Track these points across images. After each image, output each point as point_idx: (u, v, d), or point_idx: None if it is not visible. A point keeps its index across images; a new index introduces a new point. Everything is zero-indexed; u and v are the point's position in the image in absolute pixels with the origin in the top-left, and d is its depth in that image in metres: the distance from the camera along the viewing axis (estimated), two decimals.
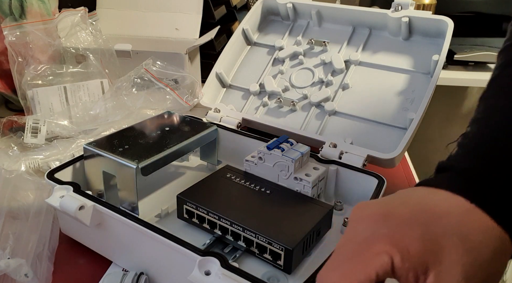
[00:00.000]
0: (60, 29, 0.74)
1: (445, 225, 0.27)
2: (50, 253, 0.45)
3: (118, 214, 0.40)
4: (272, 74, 0.70)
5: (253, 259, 0.42)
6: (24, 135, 0.63)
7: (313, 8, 0.70)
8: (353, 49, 0.67)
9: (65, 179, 0.45)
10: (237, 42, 0.74)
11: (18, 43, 0.70)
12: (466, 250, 0.26)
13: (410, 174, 0.65)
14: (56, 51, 0.74)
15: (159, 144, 0.48)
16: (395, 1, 0.63)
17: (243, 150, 0.55)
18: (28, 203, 0.48)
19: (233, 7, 1.00)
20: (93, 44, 0.75)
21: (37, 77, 0.71)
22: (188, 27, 0.88)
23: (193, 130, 0.52)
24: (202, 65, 0.88)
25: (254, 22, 0.75)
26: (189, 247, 0.36)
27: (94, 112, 0.67)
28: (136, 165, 0.43)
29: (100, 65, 0.74)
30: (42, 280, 0.41)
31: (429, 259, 0.26)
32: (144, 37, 0.89)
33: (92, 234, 0.45)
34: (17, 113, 0.73)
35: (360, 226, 0.29)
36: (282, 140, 0.50)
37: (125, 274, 0.41)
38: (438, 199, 0.29)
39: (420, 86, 0.60)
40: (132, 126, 0.53)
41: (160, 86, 0.71)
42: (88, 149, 0.47)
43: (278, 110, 0.67)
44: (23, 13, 0.72)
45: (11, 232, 0.43)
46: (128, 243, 0.42)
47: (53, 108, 0.69)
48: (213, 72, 0.72)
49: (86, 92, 0.71)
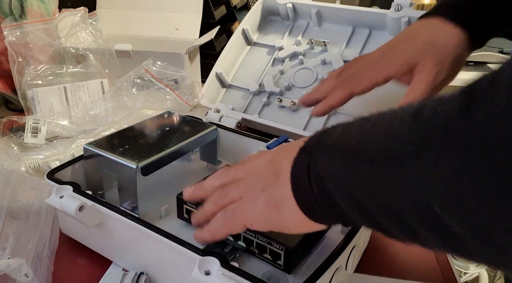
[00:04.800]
0: (60, 29, 0.74)
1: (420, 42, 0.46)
2: (50, 253, 0.45)
3: (118, 214, 0.40)
4: (272, 74, 0.70)
5: (253, 259, 0.42)
6: (24, 135, 0.63)
7: (313, 8, 0.70)
8: (353, 49, 0.67)
9: (65, 179, 0.45)
10: (237, 42, 0.74)
11: (18, 43, 0.70)
12: (435, 57, 0.45)
13: None
14: (56, 51, 0.74)
15: (159, 143, 0.48)
16: (395, 1, 0.63)
17: (243, 150, 0.55)
18: (28, 203, 0.48)
19: (233, 7, 1.00)
20: (93, 44, 0.75)
21: (37, 77, 0.71)
22: (188, 27, 0.88)
23: (193, 130, 0.52)
24: (202, 65, 0.88)
25: (254, 22, 0.75)
26: (189, 247, 0.36)
27: (94, 112, 0.67)
28: (136, 164, 0.43)
29: (100, 65, 0.74)
30: (42, 280, 0.41)
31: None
32: (144, 37, 0.89)
33: (92, 234, 0.45)
34: (17, 113, 0.73)
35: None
36: (282, 140, 0.50)
37: (125, 274, 0.41)
38: (419, 25, 0.48)
39: None
40: (132, 126, 0.52)
41: (160, 86, 0.71)
42: (88, 149, 0.47)
43: (278, 110, 0.67)
44: (23, 13, 0.72)
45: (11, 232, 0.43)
46: (128, 243, 0.42)
47: (53, 108, 0.69)
48: (213, 72, 0.72)
49: (86, 92, 0.71)
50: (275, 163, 0.33)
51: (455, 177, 0.20)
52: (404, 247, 0.49)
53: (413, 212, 0.23)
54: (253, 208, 0.33)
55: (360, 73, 0.49)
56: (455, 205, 0.21)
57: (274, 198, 0.32)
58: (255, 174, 0.35)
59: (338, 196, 0.28)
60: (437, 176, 0.21)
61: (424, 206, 0.22)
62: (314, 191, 0.29)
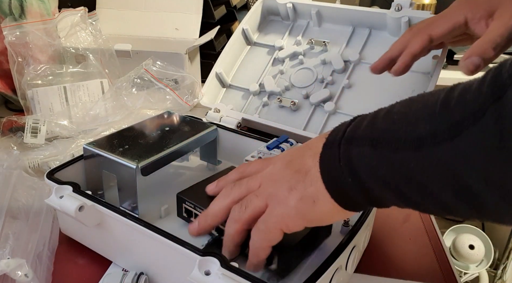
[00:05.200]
0: (60, 29, 0.74)
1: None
2: (50, 253, 0.45)
3: (118, 214, 0.40)
4: (272, 74, 0.70)
5: None
6: (24, 135, 0.63)
7: (313, 8, 0.70)
8: (353, 49, 0.67)
9: (65, 179, 0.45)
10: (237, 42, 0.74)
11: (18, 43, 0.70)
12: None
13: None
14: (56, 51, 0.74)
15: (159, 143, 0.48)
16: (395, 1, 0.63)
17: (243, 150, 0.55)
18: (28, 203, 0.48)
19: (233, 7, 1.00)
20: (93, 44, 0.75)
21: (37, 77, 0.70)
22: (188, 27, 0.88)
23: (193, 130, 0.52)
24: (202, 65, 0.88)
25: (254, 22, 0.75)
26: (189, 247, 0.36)
27: (94, 112, 0.67)
28: (136, 165, 0.43)
29: (100, 65, 0.74)
30: (42, 280, 0.41)
31: None
32: (144, 37, 0.89)
33: (92, 234, 0.45)
34: (17, 113, 0.73)
35: None
36: (282, 140, 0.50)
37: (125, 274, 0.41)
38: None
39: (420, 86, 0.60)
40: (132, 126, 0.52)
41: (160, 86, 0.71)
42: (88, 149, 0.47)
43: (278, 110, 0.67)
44: (23, 13, 0.72)
45: (11, 232, 0.43)
46: (128, 243, 0.42)
47: (53, 108, 0.69)
48: (213, 72, 0.72)
49: (86, 92, 0.71)
50: (295, 163, 0.35)
51: (489, 154, 0.23)
52: (404, 247, 0.49)
53: (449, 188, 0.26)
54: (285, 210, 0.33)
55: (438, 18, 0.49)
56: (489, 178, 0.24)
57: (308, 192, 0.33)
58: (274, 179, 0.35)
59: (373, 183, 0.30)
60: (472, 155, 0.24)
61: (459, 181, 0.25)
62: (348, 182, 0.30)
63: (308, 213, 0.33)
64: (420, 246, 0.50)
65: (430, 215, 0.51)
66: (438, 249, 0.49)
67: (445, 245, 0.50)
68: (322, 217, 0.34)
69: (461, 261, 1.36)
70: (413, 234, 0.52)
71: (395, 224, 0.53)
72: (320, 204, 0.32)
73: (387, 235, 0.51)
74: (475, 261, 1.35)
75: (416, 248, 0.50)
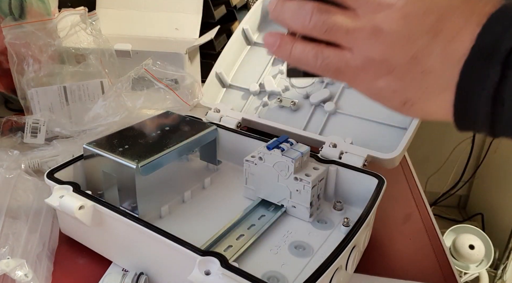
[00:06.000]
0: (60, 29, 0.74)
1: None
2: (50, 253, 0.45)
3: (118, 214, 0.40)
4: (272, 74, 0.70)
5: (253, 259, 0.42)
6: (24, 135, 0.63)
7: None
8: None
9: (65, 179, 0.45)
10: (237, 42, 0.74)
11: (18, 43, 0.70)
12: None
13: (410, 174, 0.66)
14: (56, 51, 0.74)
15: (159, 143, 0.48)
16: None
17: (243, 150, 0.55)
18: (28, 203, 0.48)
19: (233, 7, 1.00)
20: (93, 44, 0.75)
21: (37, 77, 0.70)
22: (188, 27, 0.88)
23: (193, 130, 0.52)
24: (202, 65, 0.88)
25: (254, 22, 0.75)
26: (189, 247, 0.36)
27: (94, 112, 0.67)
28: (136, 164, 0.43)
29: (100, 65, 0.74)
30: (42, 280, 0.41)
31: None
32: (144, 37, 0.89)
33: (92, 234, 0.45)
34: (17, 113, 0.73)
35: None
36: (282, 140, 0.50)
37: (125, 274, 0.41)
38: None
39: None
40: (132, 126, 0.52)
41: (160, 86, 0.71)
42: (88, 149, 0.47)
43: (278, 110, 0.67)
44: (22, 13, 0.72)
45: (11, 232, 0.43)
46: (128, 243, 0.42)
47: (53, 108, 0.69)
48: (213, 72, 0.71)
49: (86, 92, 0.71)
50: (444, 22, 0.26)
51: None
52: (404, 247, 0.49)
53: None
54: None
55: None
56: None
57: (429, 65, 0.26)
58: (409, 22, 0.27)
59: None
60: None
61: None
62: (483, 108, 0.25)
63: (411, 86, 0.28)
64: (420, 246, 0.50)
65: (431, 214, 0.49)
66: (438, 249, 0.49)
67: (445, 245, 0.50)
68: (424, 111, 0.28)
69: (461, 261, 1.36)
70: (413, 234, 0.52)
71: (395, 224, 0.53)
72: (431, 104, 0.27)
73: (387, 235, 0.51)
74: (475, 261, 1.36)
75: (416, 248, 0.50)
